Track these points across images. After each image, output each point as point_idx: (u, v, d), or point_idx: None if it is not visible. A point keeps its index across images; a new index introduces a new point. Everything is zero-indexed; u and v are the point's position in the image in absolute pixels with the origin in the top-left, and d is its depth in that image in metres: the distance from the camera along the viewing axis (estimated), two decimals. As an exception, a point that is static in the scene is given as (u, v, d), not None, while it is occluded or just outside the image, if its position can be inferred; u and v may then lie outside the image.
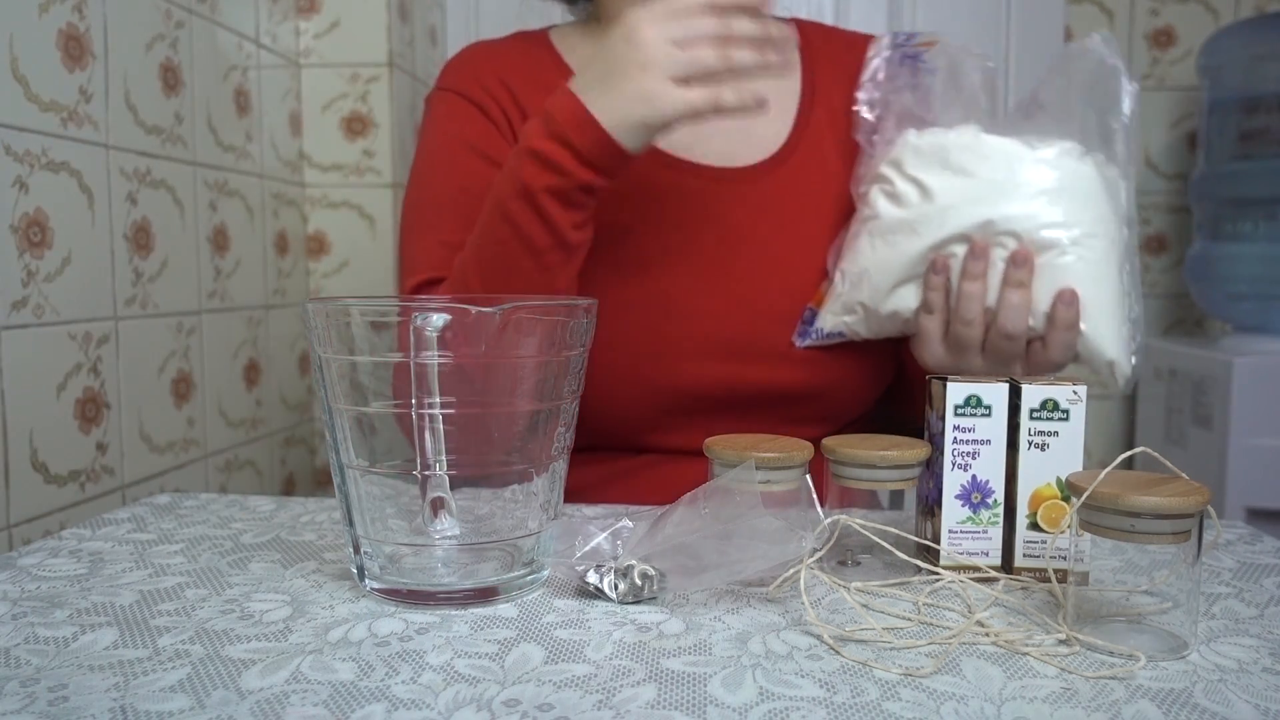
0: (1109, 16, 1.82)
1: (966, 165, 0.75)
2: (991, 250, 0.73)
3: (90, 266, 0.89)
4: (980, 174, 0.74)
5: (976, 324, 0.74)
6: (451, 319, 0.50)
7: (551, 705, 0.42)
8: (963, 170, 0.75)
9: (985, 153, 0.75)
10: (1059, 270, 0.73)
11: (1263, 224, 1.61)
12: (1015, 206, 0.73)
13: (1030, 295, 0.73)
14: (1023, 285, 0.73)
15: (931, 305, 0.76)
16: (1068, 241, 0.72)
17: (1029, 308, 0.73)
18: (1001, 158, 0.74)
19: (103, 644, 0.48)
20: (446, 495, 0.54)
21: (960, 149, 0.75)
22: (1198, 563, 0.48)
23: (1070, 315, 0.72)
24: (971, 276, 0.73)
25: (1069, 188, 0.73)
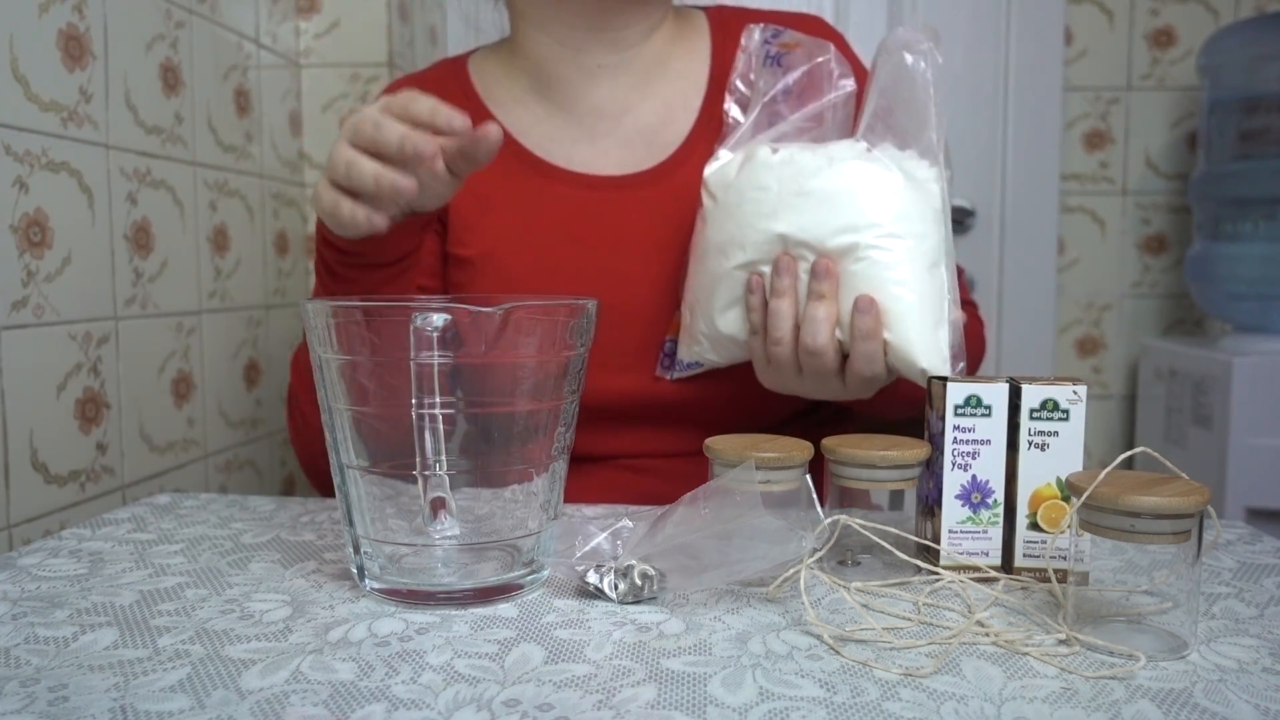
0: (1109, 16, 1.82)
1: (759, 179, 0.72)
2: (796, 264, 0.70)
3: (90, 266, 0.89)
4: (769, 186, 0.71)
5: (786, 343, 0.71)
6: (451, 319, 0.50)
7: (551, 705, 0.42)
8: (756, 185, 0.72)
9: (773, 163, 0.72)
10: (857, 277, 0.69)
11: (1263, 224, 1.61)
12: (804, 216, 0.70)
13: (834, 307, 0.69)
14: (824, 298, 0.69)
15: (755, 326, 0.73)
16: (864, 245, 0.69)
17: (833, 321, 0.69)
18: (787, 167, 0.71)
19: (103, 644, 0.48)
20: (446, 495, 0.54)
21: (754, 163, 0.73)
22: (1198, 563, 0.48)
23: (867, 323, 0.68)
24: (777, 294, 0.70)
25: (858, 188, 0.69)
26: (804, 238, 0.70)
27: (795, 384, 0.74)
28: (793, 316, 0.71)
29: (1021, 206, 1.77)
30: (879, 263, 0.69)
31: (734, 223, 0.73)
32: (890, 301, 0.69)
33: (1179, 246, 1.87)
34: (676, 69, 0.87)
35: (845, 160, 0.71)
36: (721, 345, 0.77)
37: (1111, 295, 1.88)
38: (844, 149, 0.71)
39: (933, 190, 0.71)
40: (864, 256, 0.69)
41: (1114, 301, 1.88)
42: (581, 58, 0.84)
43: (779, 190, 0.71)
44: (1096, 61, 1.83)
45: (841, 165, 0.70)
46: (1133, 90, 1.84)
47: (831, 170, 0.70)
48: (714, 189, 0.76)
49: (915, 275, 0.69)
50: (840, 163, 0.70)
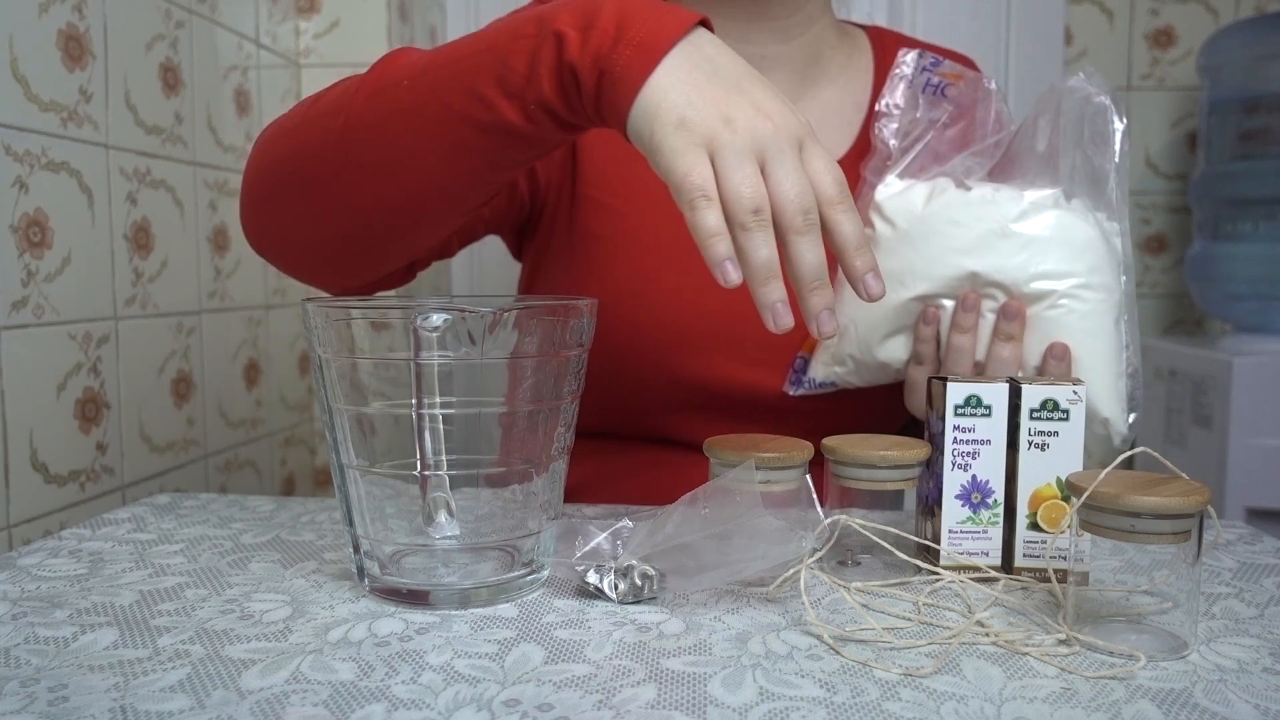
0: (1109, 16, 1.82)
1: (954, 215, 0.72)
2: (981, 302, 0.71)
3: (90, 266, 0.89)
4: (966, 223, 0.71)
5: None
6: (451, 319, 0.50)
7: (551, 705, 0.42)
8: (949, 219, 0.72)
9: (971, 200, 0.72)
10: (1050, 323, 0.70)
11: (1263, 224, 1.61)
12: (1003, 258, 0.70)
13: (1020, 349, 0.71)
14: (1012, 339, 0.70)
15: (921, 357, 0.73)
16: (1060, 293, 0.70)
17: (1019, 362, 0.71)
18: (988, 207, 0.72)
19: (103, 644, 0.48)
20: (446, 495, 0.54)
21: (947, 198, 0.73)
22: (1198, 563, 0.48)
23: (1060, 370, 0.69)
24: (961, 329, 0.71)
25: (1059, 237, 0.70)
26: (999, 279, 0.71)
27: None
28: (972, 353, 0.71)
29: (1021, 206, 1.77)
30: (1074, 311, 0.70)
31: (918, 254, 0.72)
32: (1081, 351, 0.70)
33: (1179, 246, 1.87)
34: (837, 73, 0.86)
35: (1047, 209, 0.71)
36: (870, 370, 0.77)
37: (1111, 295, 1.88)
38: (1044, 197, 0.72)
39: (1117, 245, 0.73)
40: (1059, 305, 0.70)
41: (1114, 301, 1.88)
42: (743, 47, 0.82)
43: (975, 229, 0.71)
44: (1096, 61, 1.83)
45: (1045, 213, 0.71)
46: (1133, 90, 1.84)
47: (1035, 216, 0.71)
48: (892, 215, 0.74)
49: (1105, 327, 0.71)
50: (1043, 210, 0.71)
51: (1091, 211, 0.72)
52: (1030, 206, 0.71)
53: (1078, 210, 0.72)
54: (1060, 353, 0.69)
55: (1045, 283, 0.70)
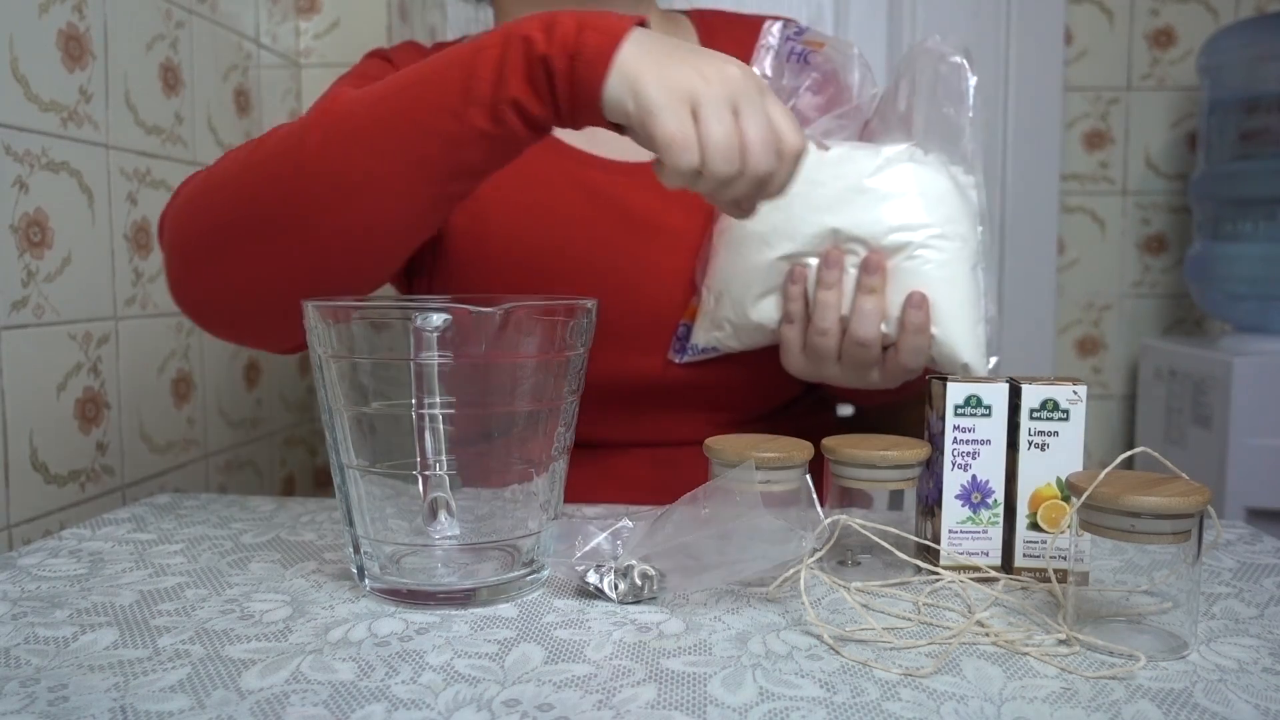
0: (1109, 16, 1.82)
1: (812, 174, 0.73)
2: (844, 258, 0.73)
3: (90, 266, 0.89)
4: (825, 182, 0.73)
5: (832, 333, 0.73)
6: (451, 319, 0.50)
7: (551, 705, 0.42)
8: (809, 179, 0.72)
9: (829, 160, 0.74)
10: (908, 274, 0.72)
11: (1263, 224, 1.61)
12: (861, 213, 0.72)
13: (883, 301, 0.72)
14: (874, 291, 0.72)
15: (791, 315, 0.75)
16: (916, 244, 0.72)
17: (881, 314, 0.72)
18: (845, 165, 0.73)
19: (103, 644, 0.48)
20: (446, 495, 0.54)
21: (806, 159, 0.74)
22: (1198, 563, 0.48)
23: (919, 318, 0.71)
24: (825, 285, 0.73)
25: (914, 190, 0.72)
26: (858, 233, 0.72)
27: (830, 371, 0.75)
28: (838, 308, 0.73)
29: (1021, 206, 1.77)
30: (931, 261, 0.72)
31: (781, 214, 0.74)
32: (939, 299, 0.72)
33: (1179, 246, 1.87)
34: None
35: (901, 162, 0.73)
36: (747, 332, 0.78)
37: (1111, 295, 1.88)
38: (899, 152, 0.74)
39: (973, 197, 0.75)
40: (916, 255, 0.72)
41: (1114, 301, 1.88)
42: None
43: (834, 186, 0.73)
44: (1096, 61, 1.83)
45: (899, 167, 0.73)
46: (1133, 90, 1.84)
47: (890, 171, 0.73)
48: None
49: (961, 275, 0.73)
50: (897, 164, 0.73)
51: (946, 165, 0.74)
52: (885, 161, 0.73)
53: (932, 164, 0.74)
54: (918, 301, 0.71)
55: (902, 234, 0.72)
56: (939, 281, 0.72)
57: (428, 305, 0.51)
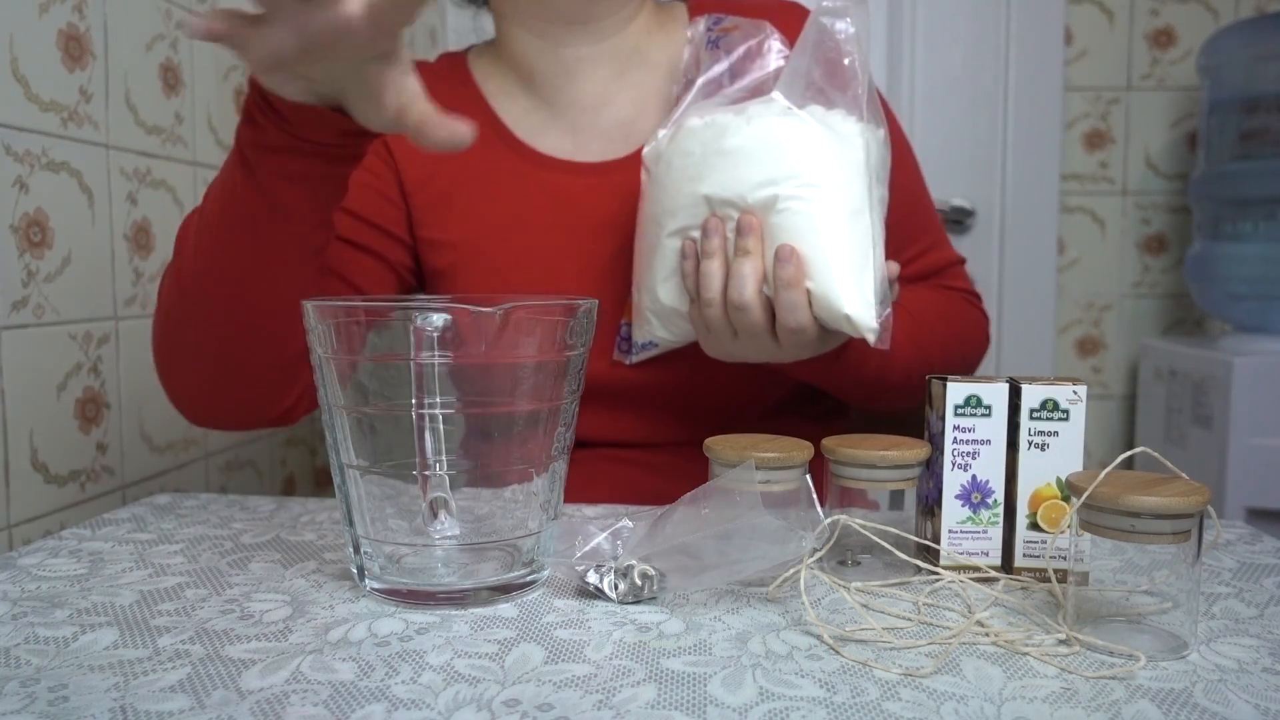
0: (1109, 16, 1.82)
1: (684, 146, 0.73)
2: (724, 225, 0.71)
3: (90, 266, 0.89)
4: (694, 150, 0.72)
5: (717, 303, 0.70)
6: (451, 319, 0.50)
7: (551, 705, 0.42)
8: (681, 151, 0.73)
9: (697, 128, 0.73)
10: (779, 229, 0.69)
11: (1263, 224, 1.61)
12: (725, 174, 0.70)
13: (759, 262, 0.69)
14: (750, 253, 0.69)
15: (691, 293, 0.73)
16: (783, 196, 0.69)
17: (760, 274, 0.69)
18: (710, 130, 0.72)
19: (103, 644, 0.48)
20: (446, 495, 0.54)
21: (681, 132, 0.74)
22: (1198, 563, 0.48)
23: (788, 272, 0.67)
24: (707, 254, 0.71)
25: (775, 141, 0.70)
26: (726, 195, 0.70)
27: (733, 347, 0.73)
28: (722, 276, 0.71)
29: (1021, 206, 1.77)
30: (798, 213, 0.69)
31: (665, 192, 0.74)
32: (810, 250, 0.68)
33: (1179, 246, 1.87)
34: (654, 60, 0.88)
35: (762, 117, 0.71)
36: (668, 320, 0.77)
37: (1111, 295, 1.88)
38: (761, 107, 0.72)
39: (856, 143, 0.71)
40: (783, 208, 0.69)
41: (1114, 301, 1.88)
42: (561, 51, 0.85)
43: (701, 153, 0.72)
44: (1096, 61, 1.83)
45: (759, 121, 0.71)
46: (1133, 90, 1.84)
47: (750, 127, 0.71)
48: (649, 164, 0.77)
49: (835, 223, 0.68)
50: (758, 119, 0.71)
51: (821, 118, 0.71)
52: (745, 120, 0.71)
53: (794, 114, 0.71)
54: (785, 254, 0.68)
55: (767, 189, 0.69)
56: (809, 231, 0.68)
57: (428, 305, 0.51)
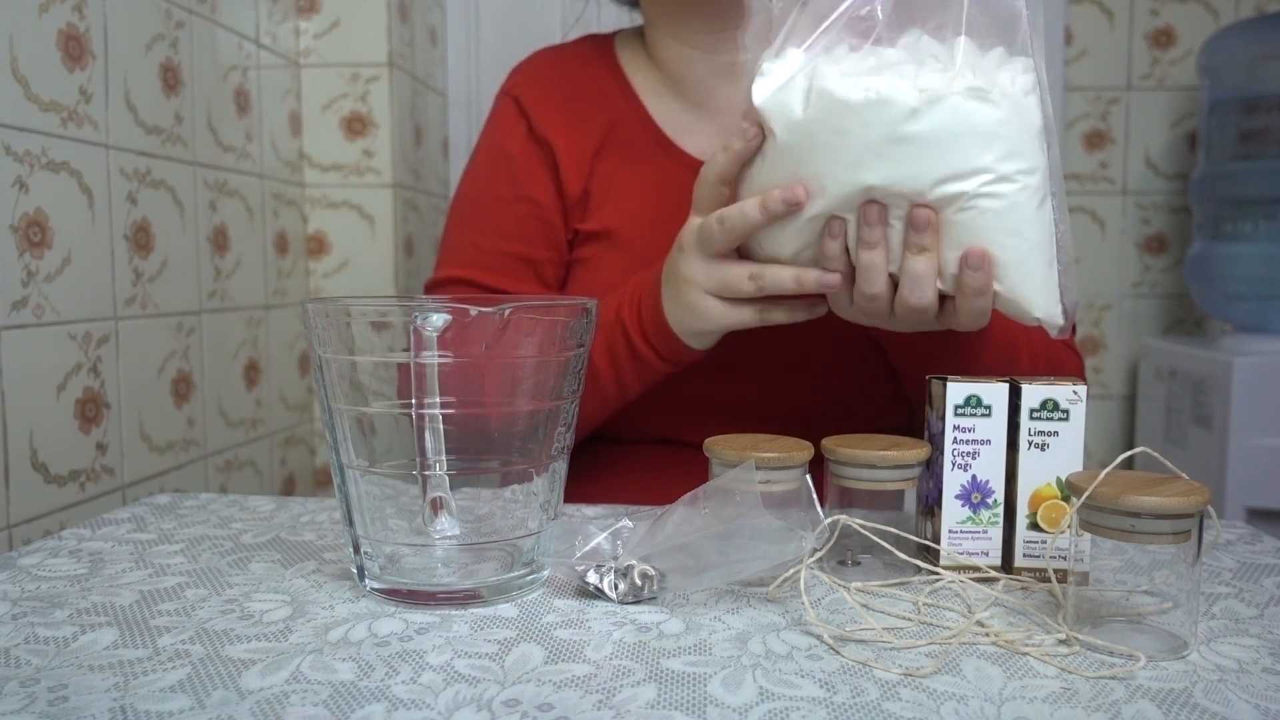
0: (1109, 16, 1.82)
1: (839, 123, 0.61)
2: (887, 211, 0.62)
3: (90, 266, 0.89)
4: (853, 131, 0.61)
5: (882, 296, 0.65)
6: (451, 319, 0.50)
7: (551, 705, 0.42)
8: (833, 129, 0.61)
9: (854, 105, 0.61)
10: (963, 227, 0.61)
11: (1263, 224, 1.61)
12: (900, 166, 0.60)
13: (935, 260, 0.62)
14: (925, 250, 0.62)
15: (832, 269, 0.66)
16: (969, 194, 0.60)
17: (935, 275, 0.63)
18: (874, 110, 0.60)
19: (103, 644, 0.48)
20: (446, 495, 0.54)
21: (828, 101, 0.62)
22: (1198, 563, 0.48)
23: (979, 280, 0.62)
24: (868, 245, 0.63)
25: (960, 129, 0.60)
26: (901, 189, 0.61)
27: (885, 327, 0.70)
28: (885, 269, 0.64)
29: (1021, 206, 1.77)
30: (988, 211, 0.60)
31: (806, 169, 0.63)
32: (1000, 252, 0.61)
33: (1179, 246, 1.87)
34: None
35: (944, 98, 0.60)
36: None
37: (1111, 295, 1.88)
38: (937, 80, 0.60)
39: (1031, 108, 0.61)
40: (970, 206, 0.60)
41: (1114, 301, 1.88)
42: (713, 58, 0.86)
43: (865, 137, 0.61)
44: (1096, 61, 1.83)
45: (940, 105, 0.60)
46: (1133, 90, 1.84)
47: (930, 112, 0.60)
48: (774, 122, 0.64)
49: (1026, 219, 0.61)
50: (937, 103, 0.60)
51: (989, 74, 0.61)
52: (923, 102, 0.60)
53: (981, 94, 0.60)
54: (976, 261, 0.61)
55: (952, 185, 0.60)
56: (999, 232, 0.61)
57: (428, 305, 0.51)
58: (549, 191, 0.88)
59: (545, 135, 0.88)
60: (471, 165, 0.93)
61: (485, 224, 0.89)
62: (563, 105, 0.89)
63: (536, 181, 0.88)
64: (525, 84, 0.92)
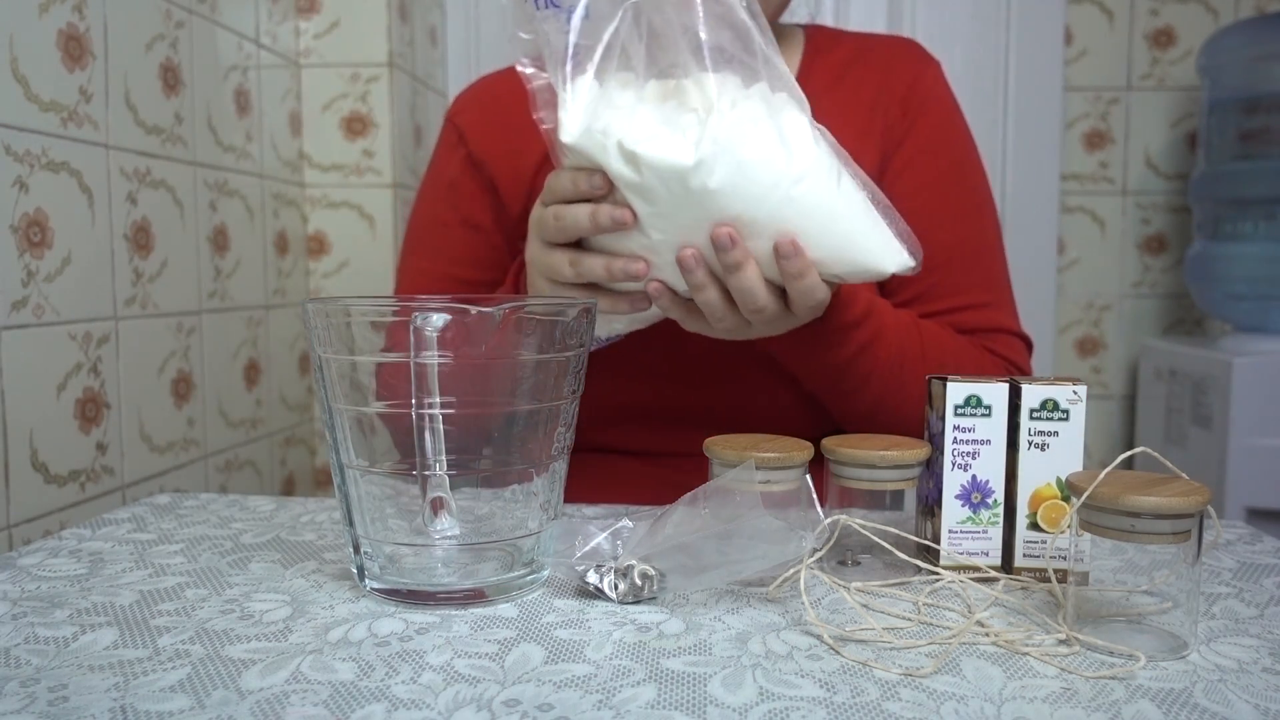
0: (1109, 16, 1.82)
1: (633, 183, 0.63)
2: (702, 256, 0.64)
3: (90, 266, 0.89)
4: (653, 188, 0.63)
5: (729, 318, 0.67)
6: (451, 319, 0.50)
7: (551, 705, 0.42)
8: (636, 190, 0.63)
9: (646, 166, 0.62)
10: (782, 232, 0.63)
11: (1263, 224, 1.61)
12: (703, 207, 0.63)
13: (754, 266, 0.64)
14: (740, 266, 0.64)
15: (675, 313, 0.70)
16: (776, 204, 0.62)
17: (760, 277, 0.64)
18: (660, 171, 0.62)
19: (103, 644, 0.48)
20: (446, 495, 0.54)
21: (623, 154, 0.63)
22: (1198, 563, 0.48)
23: (796, 266, 0.63)
24: (698, 288, 0.65)
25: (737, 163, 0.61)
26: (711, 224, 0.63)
27: (746, 332, 0.71)
28: (722, 303, 0.66)
29: (1021, 206, 1.77)
30: (800, 213, 0.63)
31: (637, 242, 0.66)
32: (829, 238, 0.64)
33: (1179, 246, 1.87)
34: None
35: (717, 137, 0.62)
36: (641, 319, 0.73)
37: (1111, 295, 1.88)
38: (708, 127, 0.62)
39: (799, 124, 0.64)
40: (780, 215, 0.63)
41: (1114, 301, 1.88)
42: None
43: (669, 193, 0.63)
44: (1096, 61, 1.83)
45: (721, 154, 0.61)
46: (1133, 90, 1.84)
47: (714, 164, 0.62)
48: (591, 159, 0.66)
49: (831, 202, 0.63)
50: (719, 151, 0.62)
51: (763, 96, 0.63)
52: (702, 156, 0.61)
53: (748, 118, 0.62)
54: (787, 251, 0.63)
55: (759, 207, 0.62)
56: (816, 227, 0.63)
57: (428, 305, 0.51)
58: (490, 215, 0.89)
59: (483, 159, 0.89)
60: (419, 193, 0.94)
61: (432, 249, 0.90)
62: (501, 129, 0.89)
63: (478, 205, 0.89)
64: (465, 110, 0.92)
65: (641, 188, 0.63)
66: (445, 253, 0.89)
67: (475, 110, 0.92)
